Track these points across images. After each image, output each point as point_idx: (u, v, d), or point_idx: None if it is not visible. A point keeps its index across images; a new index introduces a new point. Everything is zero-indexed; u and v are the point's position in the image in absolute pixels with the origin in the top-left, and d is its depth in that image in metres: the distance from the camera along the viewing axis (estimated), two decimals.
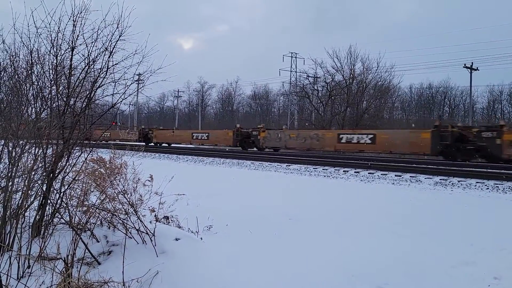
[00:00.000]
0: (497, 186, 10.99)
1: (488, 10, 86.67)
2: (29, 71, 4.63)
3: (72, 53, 4.62)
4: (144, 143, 36.14)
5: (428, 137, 19.48)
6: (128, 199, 4.25)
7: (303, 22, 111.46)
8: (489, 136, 17.74)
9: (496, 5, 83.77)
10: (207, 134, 34.76)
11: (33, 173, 4.17)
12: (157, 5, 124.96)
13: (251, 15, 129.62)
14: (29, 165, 4.20)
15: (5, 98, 4.91)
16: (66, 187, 4.45)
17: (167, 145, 37.56)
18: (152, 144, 37.05)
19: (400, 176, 13.14)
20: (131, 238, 4.14)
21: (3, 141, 4.24)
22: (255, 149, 29.28)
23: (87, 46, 4.62)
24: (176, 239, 4.30)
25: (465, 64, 38.95)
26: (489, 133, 17.90)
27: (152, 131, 38.48)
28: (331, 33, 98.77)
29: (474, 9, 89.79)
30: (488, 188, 10.91)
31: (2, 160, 4.27)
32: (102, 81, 4.77)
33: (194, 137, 35.49)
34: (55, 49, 4.57)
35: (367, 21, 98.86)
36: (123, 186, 4.31)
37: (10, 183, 3.96)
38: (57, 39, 4.54)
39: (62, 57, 4.63)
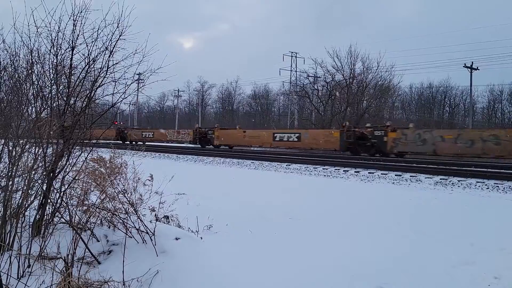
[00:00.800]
0: (497, 186, 11.00)
1: (488, 9, 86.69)
2: (29, 71, 4.63)
3: (72, 53, 4.62)
4: (199, 145, 33.85)
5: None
6: (128, 199, 4.25)
7: (305, 21, 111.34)
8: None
9: (496, 4, 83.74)
10: (297, 135, 27.71)
11: (33, 172, 4.17)
12: (157, 4, 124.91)
13: (252, 14, 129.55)
14: (29, 164, 4.20)
15: (5, 97, 4.91)
16: (66, 187, 4.45)
17: (227, 147, 32.31)
18: (212, 146, 32.97)
19: (400, 175, 13.15)
20: (131, 237, 4.14)
21: (3, 140, 4.23)
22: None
23: (87, 45, 4.62)
24: (176, 239, 4.30)
25: (465, 64, 38.94)
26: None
27: (212, 130, 33.96)
28: (333, 32, 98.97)
29: (474, 8, 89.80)
30: (488, 188, 10.92)
31: (2, 159, 4.26)
32: (102, 80, 4.77)
33: (278, 139, 28.82)
34: (55, 49, 4.57)
35: (368, 20, 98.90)
36: (123, 185, 4.31)
37: (10, 183, 3.96)
38: (57, 39, 4.54)
39: (62, 57, 4.63)
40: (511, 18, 78.32)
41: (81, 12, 4.47)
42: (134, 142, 38.00)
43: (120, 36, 4.60)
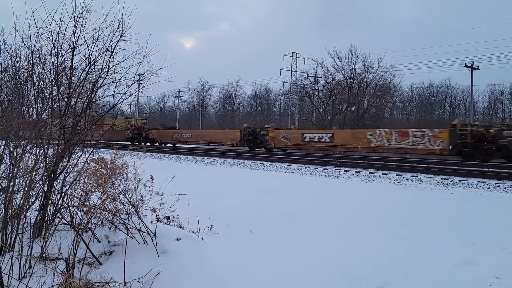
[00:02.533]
0: (498, 186, 10.98)
1: (488, 9, 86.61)
2: (30, 72, 4.63)
3: (73, 54, 4.62)
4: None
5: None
6: (129, 199, 4.25)
7: (307, 20, 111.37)
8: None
9: (497, 4, 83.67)
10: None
11: (34, 173, 4.17)
12: (158, 5, 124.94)
13: (254, 13, 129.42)
14: (30, 165, 4.21)
15: (6, 98, 4.91)
16: (67, 188, 4.45)
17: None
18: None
19: (401, 175, 13.14)
20: (132, 238, 4.14)
21: (4, 142, 4.24)
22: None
23: (88, 46, 4.62)
24: (177, 239, 4.30)
25: (465, 63, 38.91)
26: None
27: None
28: (335, 32, 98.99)
29: (475, 8, 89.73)
30: (489, 188, 10.90)
31: (3, 161, 4.27)
32: (103, 81, 4.77)
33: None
34: (56, 50, 4.57)
35: (370, 20, 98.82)
36: (124, 186, 4.31)
37: (12, 184, 3.97)
38: (58, 40, 4.54)
39: (63, 58, 4.63)
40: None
41: (82, 13, 4.48)
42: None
43: (120, 37, 4.60)
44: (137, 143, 36.21)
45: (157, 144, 37.39)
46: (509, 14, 76.27)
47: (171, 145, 37.24)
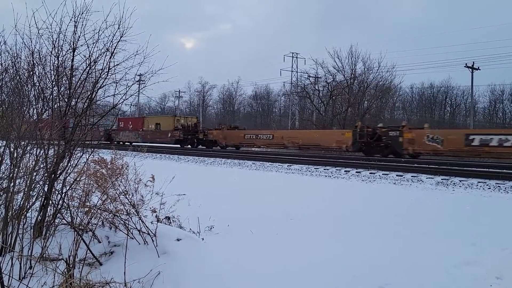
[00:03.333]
0: (498, 186, 10.98)
1: (488, 9, 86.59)
2: (31, 72, 4.64)
3: (73, 54, 4.63)
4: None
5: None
6: (129, 200, 4.26)
7: (309, 19, 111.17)
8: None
9: (497, 4, 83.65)
10: None
11: (34, 174, 4.17)
12: (158, 5, 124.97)
13: (254, 12, 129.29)
14: (31, 166, 4.21)
15: (7, 99, 4.92)
16: (67, 188, 4.45)
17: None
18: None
19: (402, 176, 13.13)
20: (132, 238, 4.14)
21: (4, 142, 4.24)
22: None
23: (88, 47, 4.63)
24: (178, 240, 4.30)
25: (466, 64, 38.90)
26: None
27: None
28: (336, 32, 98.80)
29: (475, 8, 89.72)
30: (489, 188, 10.90)
31: (4, 161, 4.27)
32: (103, 81, 4.78)
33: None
34: (56, 50, 4.58)
35: (370, 20, 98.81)
36: (125, 186, 4.31)
37: (12, 184, 3.97)
38: (58, 40, 4.55)
39: (64, 58, 4.64)
40: None
41: (82, 13, 4.49)
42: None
43: (121, 37, 4.61)
44: (189, 146, 31.99)
45: (218, 148, 30.55)
46: (509, 14, 76.27)
47: (235, 148, 30.12)
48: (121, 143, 35.90)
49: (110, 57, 4.67)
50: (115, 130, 39.11)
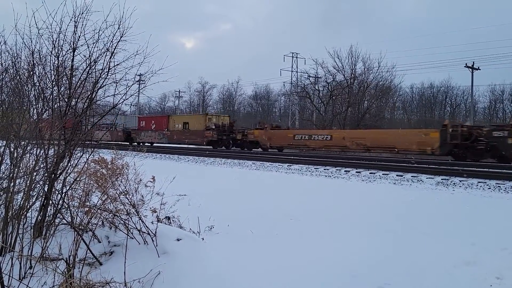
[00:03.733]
0: (499, 186, 10.98)
1: (489, 9, 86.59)
2: (31, 72, 4.64)
3: (73, 54, 4.63)
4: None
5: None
6: (129, 200, 4.25)
7: (309, 19, 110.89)
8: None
9: (497, 4, 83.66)
10: None
11: (34, 173, 4.17)
12: (158, 4, 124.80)
13: (255, 12, 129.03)
14: (31, 165, 4.21)
15: (7, 99, 4.92)
16: (67, 188, 4.45)
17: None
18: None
19: (402, 176, 13.13)
20: (132, 238, 4.14)
21: (4, 142, 4.24)
22: None
23: (88, 47, 4.63)
24: (178, 240, 4.30)
25: (466, 64, 38.89)
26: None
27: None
28: (337, 32, 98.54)
29: (475, 8, 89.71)
30: (489, 188, 10.90)
31: (4, 161, 4.27)
32: (103, 81, 4.78)
33: None
34: (56, 50, 4.57)
35: (369, 20, 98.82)
36: (125, 186, 4.31)
37: (12, 184, 3.97)
38: (58, 40, 4.54)
39: (64, 58, 4.64)
40: None
41: (82, 13, 4.48)
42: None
43: (121, 37, 4.61)
44: (223, 148, 29.11)
45: (259, 150, 27.56)
46: (510, 14, 76.25)
47: (277, 150, 27.04)
48: (141, 144, 34.15)
49: (110, 57, 4.68)
50: (135, 130, 37.94)
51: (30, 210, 4.28)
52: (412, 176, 12.93)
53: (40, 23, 4.38)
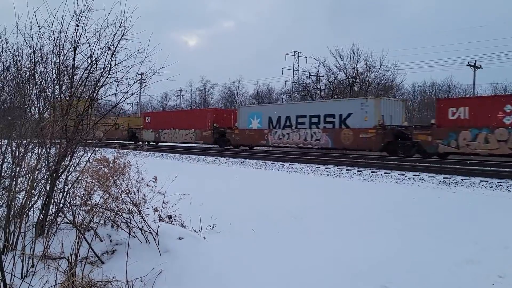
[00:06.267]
0: (501, 185, 10.95)
1: (491, 7, 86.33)
2: (32, 71, 4.64)
3: (74, 53, 4.63)
4: None
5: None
6: (131, 199, 4.25)
7: (313, 16, 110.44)
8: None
9: (499, 2, 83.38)
10: None
11: (36, 172, 4.18)
12: (160, 2, 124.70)
13: (259, 8, 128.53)
14: (33, 164, 4.21)
15: (8, 97, 4.92)
16: (69, 187, 4.46)
17: None
18: None
19: (404, 174, 13.11)
20: (134, 237, 4.15)
21: (6, 141, 4.25)
22: None
23: (89, 45, 4.63)
24: (180, 238, 4.30)
25: (468, 62, 38.80)
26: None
27: None
28: (346, 27, 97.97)
29: (477, 6, 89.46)
30: (492, 187, 10.87)
31: (6, 160, 4.28)
32: (104, 80, 4.78)
33: None
34: (57, 49, 4.58)
35: (372, 19, 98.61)
36: (127, 185, 4.31)
37: (14, 183, 3.97)
38: (59, 39, 4.55)
39: (65, 57, 4.64)
40: None
41: (84, 12, 4.48)
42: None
43: (122, 36, 4.61)
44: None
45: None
46: (510, 13, 75.98)
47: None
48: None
49: (112, 56, 4.68)
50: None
51: (32, 209, 4.29)
52: (414, 175, 12.90)
53: (41, 21, 4.39)
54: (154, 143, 34.50)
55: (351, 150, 21.85)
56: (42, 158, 4.29)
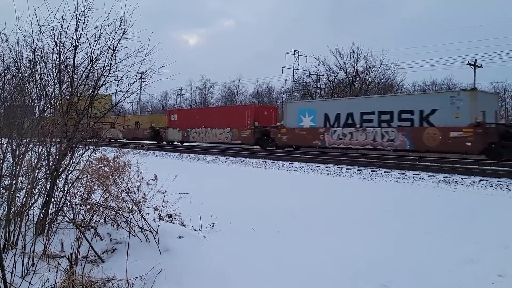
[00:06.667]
0: (501, 184, 10.95)
1: (491, 6, 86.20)
2: (33, 70, 4.64)
3: (75, 52, 4.63)
4: None
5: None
6: (131, 197, 4.26)
7: (314, 16, 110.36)
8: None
9: (499, 1, 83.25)
10: None
11: (36, 171, 4.18)
12: (160, 0, 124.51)
13: (259, 8, 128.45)
14: (33, 163, 4.21)
15: (9, 96, 4.92)
16: (69, 185, 4.46)
17: None
18: None
19: (403, 174, 13.11)
20: (134, 236, 4.15)
21: (7, 140, 4.25)
22: None
23: (90, 44, 4.63)
24: (180, 237, 4.31)
25: (468, 61, 38.78)
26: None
27: None
28: (347, 26, 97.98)
29: (477, 5, 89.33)
30: (492, 186, 10.87)
31: (6, 159, 4.28)
32: (105, 79, 4.78)
33: None
34: (58, 48, 4.57)
35: (373, 17, 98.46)
36: (127, 184, 4.32)
37: (14, 181, 3.98)
38: (60, 38, 4.54)
39: (65, 56, 4.63)
40: None
41: (84, 11, 4.48)
42: None
43: (122, 35, 4.61)
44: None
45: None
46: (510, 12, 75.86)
47: None
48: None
49: (112, 55, 4.67)
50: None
51: (32, 208, 4.30)
52: (413, 174, 12.91)
53: (42, 20, 4.38)
54: (179, 143, 32.32)
55: (436, 153, 18.48)
56: (43, 157, 4.29)
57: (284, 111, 24.99)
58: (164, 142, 33.66)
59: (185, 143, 32.24)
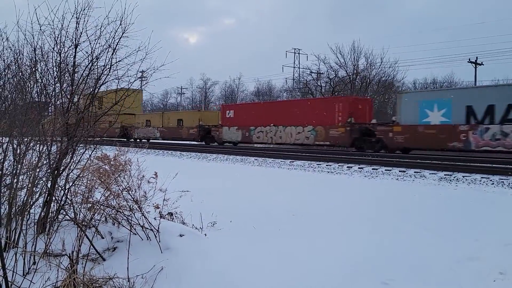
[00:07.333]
0: (502, 181, 10.94)
1: (492, 4, 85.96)
2: (33, 69, 4.64)
3: (75, 50, 4.63)
4: None
5: None
6: (132, 196, 4.27)
7: (315, 14, 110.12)
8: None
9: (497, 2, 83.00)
10: None
11: (37, 170, 4.19)
12: None
13: (259, 6, 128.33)
14: (34, 162, 4.22)
15: (9, 95, 4.93)
16: (70, 184, 4.47)
17: None
18: None
19: (405, 171, 13.10)
20: (135, 234, 4.16)
21: (8, 139, 4.26)
22: None
23: (90, 43, 4.63)
24: (181, 235, 4.32)
25: (469, 59, 38.68)
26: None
27: None
28: (348, 25, 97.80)
29: (478, 3, 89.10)
30: (493, 183, 10.86)
31: (7, 157, 4.29)
32: (105, 78, 4.78)
33: None
34: (58, 47, 4.58)
35: (374, 15, 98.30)
36: (128, 183, 4.32)
37: (15, 180, 3.99)
38: (60, 36, 4.55)
39: (66, 54, 4.64)
40: None
41: (84, 9, 4.48)
42: None
43: (123, 33, 4.61)
44: None
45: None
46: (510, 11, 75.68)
47: None
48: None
49: (112, 54, 4.68)
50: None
51: (33, 207, 4.30)
52: (415, 172, 12.90)
53: (42, 19, 4.39)
54: (233, 144, 27.41)
55: None
56: (43, 156, 4.30)
57: (398, 105, 19.41)
58: (216, 143, 28.83)
59: (240, 144, 27.09)
